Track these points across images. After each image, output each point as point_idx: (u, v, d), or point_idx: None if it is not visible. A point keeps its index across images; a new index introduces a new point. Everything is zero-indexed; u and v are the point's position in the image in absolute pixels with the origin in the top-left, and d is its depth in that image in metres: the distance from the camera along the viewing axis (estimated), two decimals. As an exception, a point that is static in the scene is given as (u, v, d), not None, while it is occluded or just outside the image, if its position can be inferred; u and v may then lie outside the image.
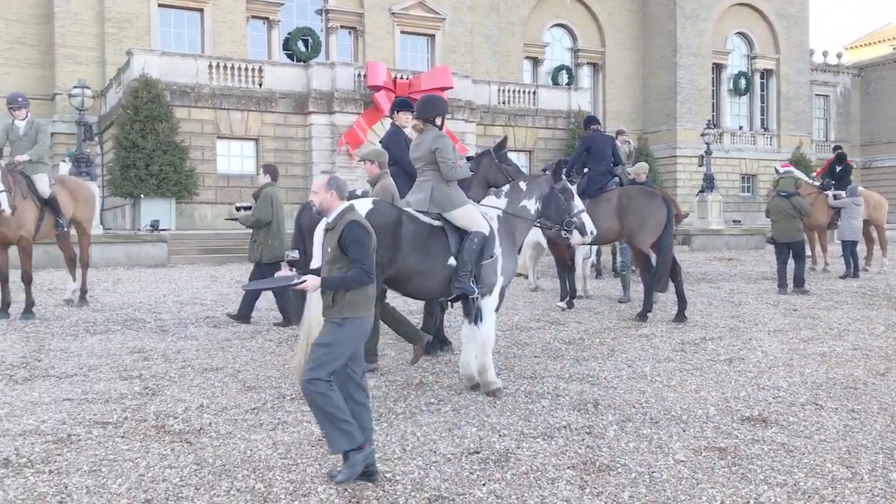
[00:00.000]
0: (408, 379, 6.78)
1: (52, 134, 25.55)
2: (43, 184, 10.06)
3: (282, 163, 25.32)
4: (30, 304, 9.93)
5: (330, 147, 25.40)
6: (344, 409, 4.26)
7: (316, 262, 5.91)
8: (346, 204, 4.47)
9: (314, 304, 5.79)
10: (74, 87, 20.38)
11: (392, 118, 8.00)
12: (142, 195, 22.38)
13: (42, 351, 7.86)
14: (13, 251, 10.12)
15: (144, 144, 21.97)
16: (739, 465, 4.67)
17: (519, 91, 30.99)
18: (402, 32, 34.25)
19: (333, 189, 4.43)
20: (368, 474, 4.35)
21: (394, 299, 11.33)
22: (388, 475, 4.47)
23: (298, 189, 25.40)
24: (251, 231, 9.94)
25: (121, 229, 23.63)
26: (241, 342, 8.42)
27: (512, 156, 7.28)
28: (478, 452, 4.87)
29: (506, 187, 6.66)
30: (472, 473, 4.52)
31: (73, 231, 11.28)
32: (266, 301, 11.49)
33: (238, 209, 10.77)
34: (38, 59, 29.59)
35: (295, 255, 4.22)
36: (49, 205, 10.17)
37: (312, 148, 25.36)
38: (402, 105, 7.82)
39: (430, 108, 6.36)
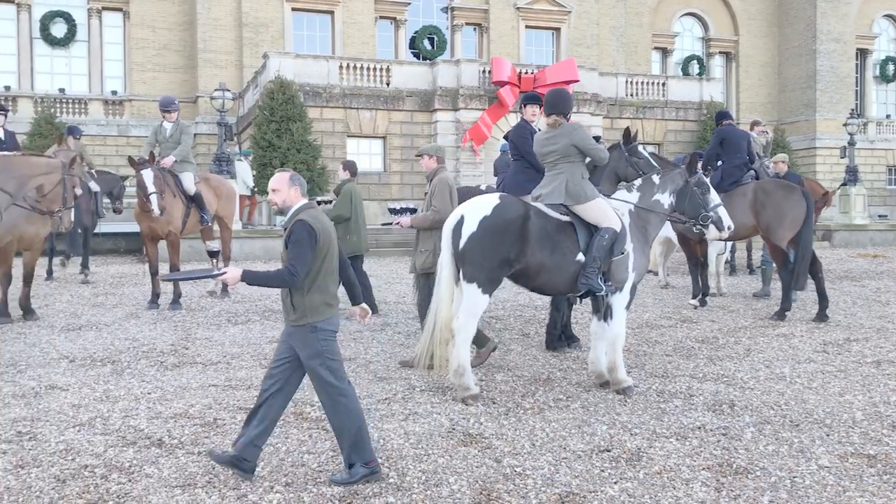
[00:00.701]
0: (535, 375, 6.77)
1: (195, 135, 26.97)
2: (189, 181, 10.69)
3: (407, 159, 25.80)
4: (177, 295, 10.56)
5: (454, 143, 25.60)
6: (363, 420, 4.28)
7: (444, 256, 5.98)
8: (303, 202, 4.31)
9: (444, 299, 5.89)
10: (215, 89, 21.44)
11: (520, 112, 8.01)
12: (277, 192, 23.28)
13: (189, 339, 8.35)
14: (162, 245, 10.82)
15: (280, 144, 22.85)
16: (892, 474, 4.40)
17: (647, 83, 30.21)
18: (527, 27, 34.07)
19: (297, 185, 4.29)
20: (238, 461, 4.30)
21: (519, 294, 11.34)
22: (517, 469, 4.48)
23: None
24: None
25: (258, 225, 24.71)
26: (371, 334, 8.64)
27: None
28: (609, 450, 4.81)
29: (637, 181, 6.53)
30: (603, 471, 4.47)
31: (215, 226, 11.94)
32: (394, 295, 11.75)
33: (318, 203, 11.17)
34: (182, 64, 31.34)
35: (215, 245, 4.20)
36: (194, 201, 10.80)
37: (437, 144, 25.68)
38: (530, 99, 7.81)
39: (566, 104, 6.40)
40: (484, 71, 26.18)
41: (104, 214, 14.99)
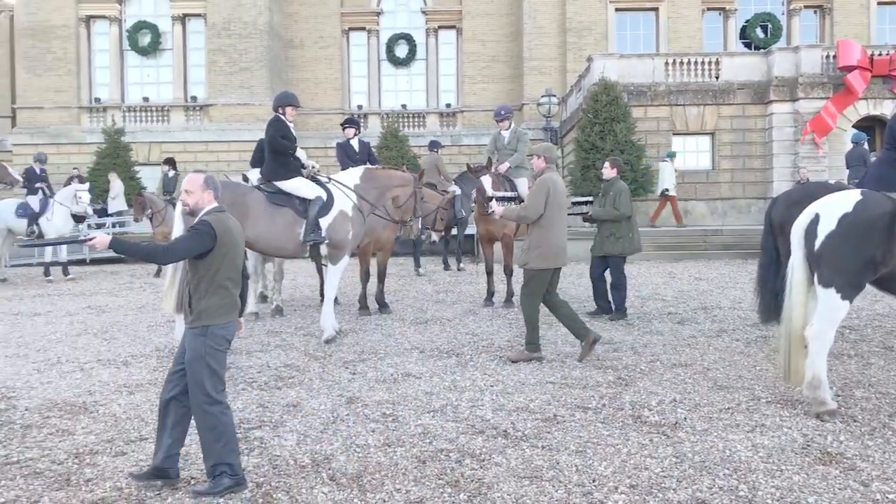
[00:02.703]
0: (903, 392, 6.01)
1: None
2: (524, 186, 11.11)
3: (738, 156, 24.41)
4: (510, 293, 11.04)
5: (792, 136, 23.67)
6: (233, 433, 4.20)
7: (795, 258, 5.54)
8: (214, 205, 4.23)
9: (796, 304, 5.46)
10: (542, 96, 22.17)
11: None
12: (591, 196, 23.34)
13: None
14: (497, 246, 11.38)
15: (603, 145, 22.90)
16: None
17: None
18: (879, 3, 30.49)
19: (210, 188, 4.23)
20: (162, 472, 4.26)
21: (876, 301, 10.12)
22: (889, 496, 4.02)
23: (757, 183, 24.22)
24: (597, 224, 10.19)
25: (580, 227, 25.01)
26: (707, 340, 8.29)
27: None
28: None
29: None
30: None
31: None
32: (728, 300, 11.18)
33: (587, 203, 10.98)
34: (508, 74, 32.84)
35: (81, 210, 3.87)
36: (529, 204, 11.20)
37: (772, 139, 23.90)
38: None
39: None
40: (828, 56, 23.88)
41: (462, 213, 15.95)
